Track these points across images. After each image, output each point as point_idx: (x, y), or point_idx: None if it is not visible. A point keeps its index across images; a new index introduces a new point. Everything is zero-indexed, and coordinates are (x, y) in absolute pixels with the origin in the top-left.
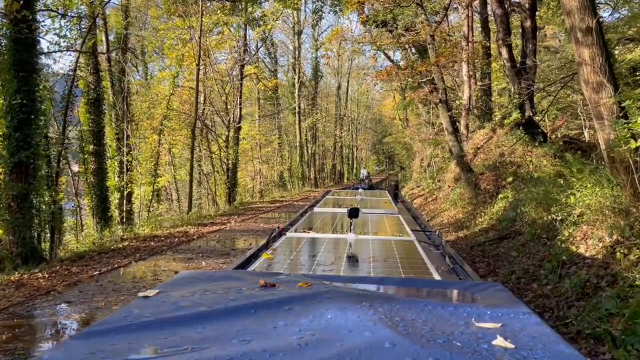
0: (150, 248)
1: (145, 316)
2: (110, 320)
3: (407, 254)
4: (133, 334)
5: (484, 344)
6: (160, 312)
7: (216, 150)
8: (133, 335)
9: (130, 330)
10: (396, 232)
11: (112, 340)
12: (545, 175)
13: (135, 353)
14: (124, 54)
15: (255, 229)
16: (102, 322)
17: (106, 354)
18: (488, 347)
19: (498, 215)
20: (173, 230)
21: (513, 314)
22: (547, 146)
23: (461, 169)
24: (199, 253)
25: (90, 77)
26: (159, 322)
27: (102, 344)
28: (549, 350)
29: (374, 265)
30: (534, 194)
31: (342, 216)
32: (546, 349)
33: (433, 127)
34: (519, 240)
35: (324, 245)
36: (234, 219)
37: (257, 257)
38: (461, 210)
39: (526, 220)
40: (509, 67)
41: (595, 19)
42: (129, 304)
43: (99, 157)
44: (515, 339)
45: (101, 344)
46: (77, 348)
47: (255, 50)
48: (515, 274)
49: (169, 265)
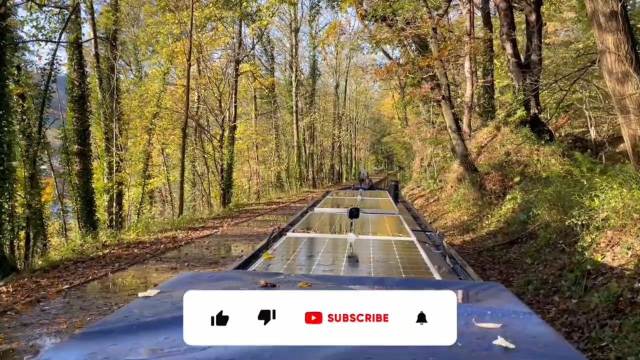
0: (132, 256)
1: (146, 316)
2: (110, 320)
3: (407, 254)
4: (133, 334)
5: (485, 344)
6: (160, 312)
7: (210, 150)
8: (133, 335)
9: (131, 330)
10: (396, 232)
11: (112, 341)
12: (554, 174)
13: (135, 353)
14: (113, 50)
15: (249, 233)
16: (102, 322)
17: (106, 354)
18: (489, 347)
19: (506, 217)
20: (161, 235)
21: (514, 314)
22: (554, 144)
23: (465, 168)
24: (185, 262)
25: (74, 73)
26: (159, 322)
27: (102, 344)
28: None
29: (374, 265)
30: (546, 195)
31: (342, 216)
32: (547, 348)
33: (433, 126)
34: (531, 246)
35: (324, 246)
36: (227, 223)
37: (258, 257)
38: (466, 212)
39: (539, 223)
40: (514, 62)
41: (621, 2)
42: (129, 304)
43: (84, 157)
44: (515, 339)
45: (101, 344)
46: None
47: (251, 47)
48: (533, 285)
49: (149, 276)
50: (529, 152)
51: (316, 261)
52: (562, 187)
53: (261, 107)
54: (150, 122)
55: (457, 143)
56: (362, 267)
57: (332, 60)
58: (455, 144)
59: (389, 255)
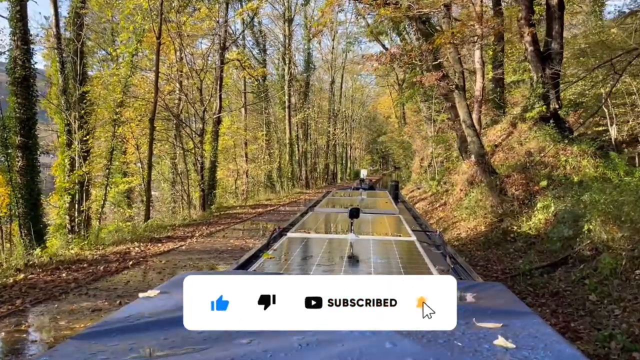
0: (52, 286)
1: (146, 316)
2: (111, 320)
3: (407, 254)
4: (133, 334)
5: (485, 344)
6: (160, 312)
7: (191, 146)
8: (133, 335)
9: (131, 330)
10: (397, 232)
11: (112, 341)
12: (588, 178)
13: (135, 353)
14: (79, 31)
15: (221, 248)
16: (102, 323)
17: (106, 355)
18: (489, 347)
19: (540, 230)
20: (110, 250)
21: (514, 314)
22: (584, 144)
23: (482, 169)
24: (118, 297)
25: (17, 50)
26: (159, 323)
27: (102, 344)
28: (550, 350)
29: (375, 265)
30: (600, 205)
31: (342, 216)
32: (547, 348)
33: (434, 124)
34: (588, 273)
35: (324, 246)
36: (201, 231)
37: (258, 257)
38: (483, 221)
39: (596, 241)
40: (532, 51)
41: None
42: (130, 304)
43: (28, 151)
44: (516, 339)
45: (101, 344)
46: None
47: (240, 33)
48: (617, 340)
49: (46, 330)
50: (555, 152)
51: (316, 261)
52: (619, 194)
53: (252, 102)
54: (114, 112)
55: (472, 140)
56: (362, 267)
57: (328, 55)
58: (471, 141)
59: (389, 255)
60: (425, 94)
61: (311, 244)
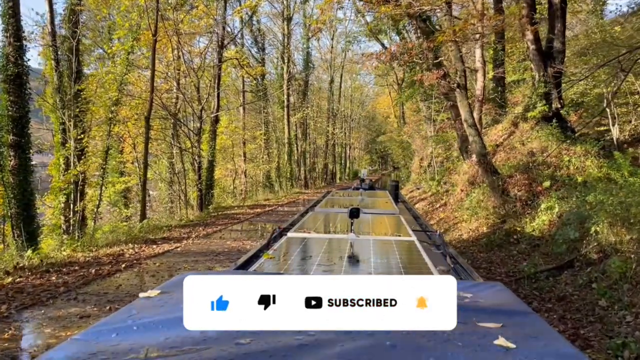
0: (41, 290)
1: (146, 316)
2: (111, 320)
3: (407, 254)
4: (134, 334)
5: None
6: (161, 312)
7: (189, 145)
8: (134, 335)
9: (131, 330)
10: (397, 232)
11: (112, 341)
12: (592, 178)
13: (135, 353)
14: (75, 29)
15: (218, 249)
16: (102, 323)
17: (106, 355)
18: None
19: (544, 232)
20: (103, 252)
21: (514, 314)
22: (587, 143)
23: (484, 169)
24: (109, 302)
25: (9, 47)
26: (159, 323)
27: (102, 344)
28: (551, 349)
29: (375, 265)
30: (606, 206)
31: (342, 216)
32: (547, 348)
33: (434, 124)
34: (596, 277)
35: (324, 246)
36: (197, 232)
37: (258, 257)
38: (485, 223)
39: (603, 244)
40: (534, 49)
41: None
42: (130, 304)
43: (21, 150)
44: (516, 339)
45: (102, 344)
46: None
47: (238, 31)
48: (630, 350)
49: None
50: (558, 152)
51: (317, 261)
52: (625, 195)
53: (250, 101)
54: (110, 111)
55: (474, 139)
56: (362, 267)
57: (327, 54)
58: (472, 141)
59: (389, 255)
60: (425, 93)
61: (311, 244)
